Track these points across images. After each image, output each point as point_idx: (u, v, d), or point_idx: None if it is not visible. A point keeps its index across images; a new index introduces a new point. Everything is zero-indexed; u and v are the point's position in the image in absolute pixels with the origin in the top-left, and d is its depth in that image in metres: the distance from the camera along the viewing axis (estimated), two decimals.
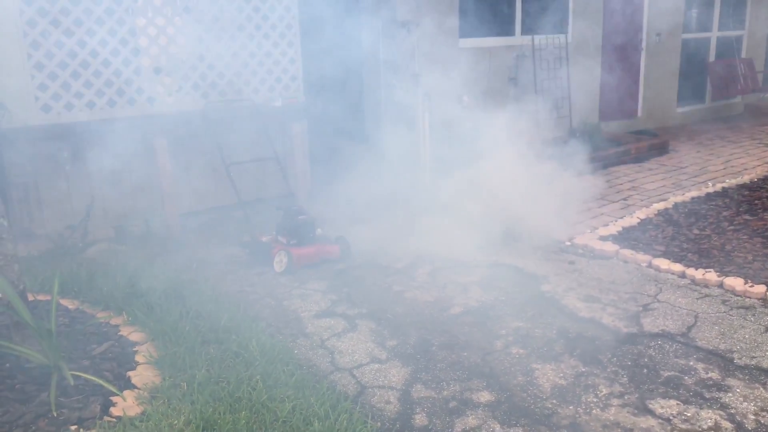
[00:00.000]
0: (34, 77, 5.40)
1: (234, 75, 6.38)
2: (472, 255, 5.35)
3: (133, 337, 3.84)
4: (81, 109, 5.64)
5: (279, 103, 6.47)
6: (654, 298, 4.49)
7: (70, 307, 4.22)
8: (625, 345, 3.87)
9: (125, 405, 3.11)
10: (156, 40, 5.92)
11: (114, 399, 3.15)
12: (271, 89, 6.64)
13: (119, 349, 3.67)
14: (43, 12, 5.34)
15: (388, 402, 3.35)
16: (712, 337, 3.92)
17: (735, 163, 8.27)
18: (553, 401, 3.33)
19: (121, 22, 5.68)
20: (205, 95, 6.23)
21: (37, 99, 5.44)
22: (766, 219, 5.81)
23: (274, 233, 5.41)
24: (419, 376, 3.59)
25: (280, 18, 6.57)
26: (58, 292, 3.70)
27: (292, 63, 6.73)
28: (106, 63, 5.67)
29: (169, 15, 5.94)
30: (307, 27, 6.81)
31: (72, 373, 3.19)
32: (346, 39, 7.08)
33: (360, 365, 3.72)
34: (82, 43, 5.54)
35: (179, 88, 6.12)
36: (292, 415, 3.07)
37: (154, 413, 3.02)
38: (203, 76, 6.22)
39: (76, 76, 5.57)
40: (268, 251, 5.21)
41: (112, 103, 5.78)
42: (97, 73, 5.66)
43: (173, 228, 5.95)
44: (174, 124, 5.87)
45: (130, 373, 3.42)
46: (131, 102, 5.88)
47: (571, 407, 3.28)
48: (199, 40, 6.11)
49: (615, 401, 3.32)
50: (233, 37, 6.31)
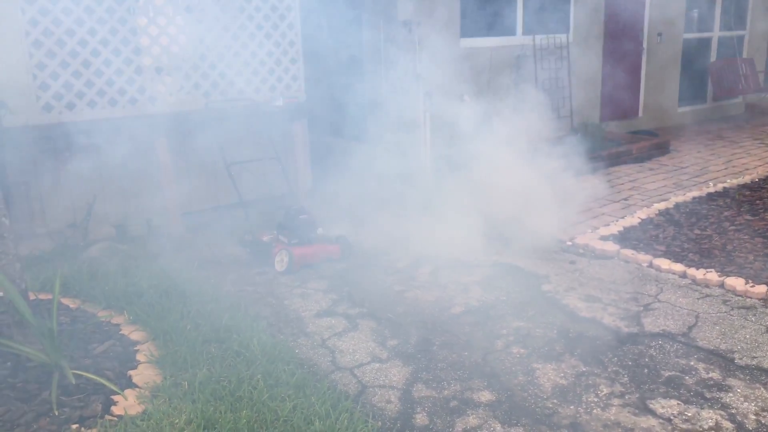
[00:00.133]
0: (35, 76, 5.40)
1: (236, 74, 6.39)
2: (473, 254, 5.36)
3: (134, 336, 3.85)
4: (82, 109, 5.65)
5: (280, 102, 6.47)
6: (655, 298, 4.49)
7: (71, 306, 4.22)
8: (625, 345, 3.87)
9: (126, 404, 3.12)
10: (157, 40, 5.92)
11: (115, 398, 3.15)
12: (273, 89, 6.65)
13: (120, 348, 3.68)
14: (44, 11, 5.34)
15: (389, 401, 3.36)
16: (713, 337, 3.92)
17: (736, 163, 8.27)
18: (554, 401, 3.33)
19: (122, 21, 5.68)
20: (206, 94, 6.24)
21: (38, 98, 5.45)
22: (767, 219, 5.81)
23: (275, 232, 5.41)
24: (420, 376, 3.59)
25: (282, 17, 6.57)
26: (60, 291, 3.71)
27: (293, 63, 6.74)
28: (107, 62, 5.68)
29: (170, 14, 5.94)
30: (308, 27, 6.82)
31: (73, 372, 3.19)
32: (347, 39, 7.09)
33: (361, 364, 3.72)
34: (83, 43, 5.54)
35: (181, 88, 6.13)
36: (293, 414, 3.07)
37: (155, 412, 3.02)
38: (205, 76, 6.22)
39: (77, 75, 5.58)
40: (269, 250, 5.21)
41: (113, 102, 5.79)
42: (98, 73, 5.67)
43: (174, 227, 5.95)
44: (175, 123, 5.87)
45: (131, 372, 3.42)
46: (133, 101, 5.89)
47: (571, 407, 3.28)
48: (200, 39, 6.12)
49: (616, 401, 3.32)
50: (235, 37, 6.32)
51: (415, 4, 7.64)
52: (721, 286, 4.60)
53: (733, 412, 3.20)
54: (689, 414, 3.19)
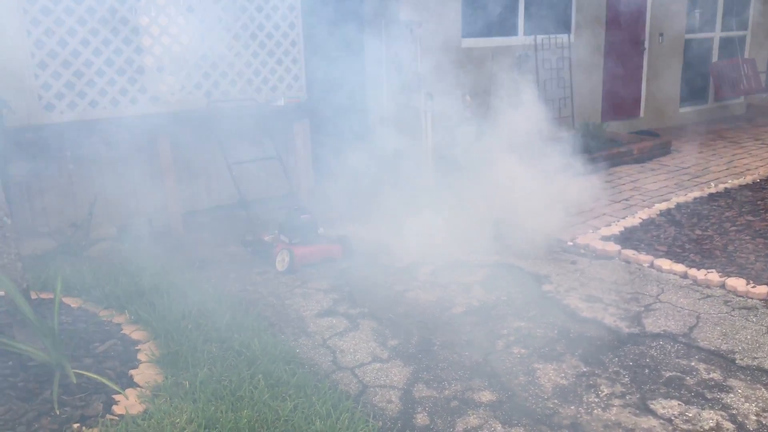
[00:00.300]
0: (37, 76, 5.41)
1: (237, 74, 6.39)
2: (474, 255, 5.36)
3: (136, 335, 3.85)
4: (84, 108, 5.66)
5: (282, 102, 6.47)
6: (656, 298, 4.49)
7: (72, 305, 4.23)
8: (626, 345, 3.87)
9: (127, 403, 3.12)
10: (159, 39, 5.93)
11: (116, 397, 3.15)
12: (274, 88, 6.65)
13: (122, 347, 3.68)
14: (46, 11, 5.35)
15: (390, 401, 3.36)
16: (714, 337, 3.92)
17: (737, 163, 8.26)
18: (555, 401, 3.33)
19: (124, 20, 5.69)
20: (208, 94, 6.24)
21: (40, 98, 5.45)
22: None
23: (277, 232, 5.41)
24: (421, 376, 3.59)
25: (284, 17, 6.58)
26: (61, 291, 3.71)
27: (295, 62, 6.74)
28: (109, 62, 5.68)
29: (172, 14, 5.95)
30: (310, 26, 6.82)
31: (74, 372, 3.20)
32: (349, 38, 7.08)
33: (362, 364, 3.72)
34: (85, 42, 5.55)
35: (182, 87, 6.14)
36: (293, 414, 3.08)
37: (156, 411, 3.03)
38: (206, 75, 6.23)
39: (79, 75, 5.58)
40: (270, 250, 5.21)
41: (115, 102, 5.80)
42: (100, 72, 5.67)
43: (176, 227, 5.96)
44: (177, 123, 5.88)
45: (133, 371, 3.43)
46: (134, 101, 5.90)
47: (572, 407, 3.28)
48: (202, 39, 6.12)
49: (616, 401, 3.32)
50: (237, 36, 6.32)
51: (417, 4, 7.64)
52: (722, 286, 4.60)
53: (733, 412, 3.20)
54: (690, 414, 3.19)
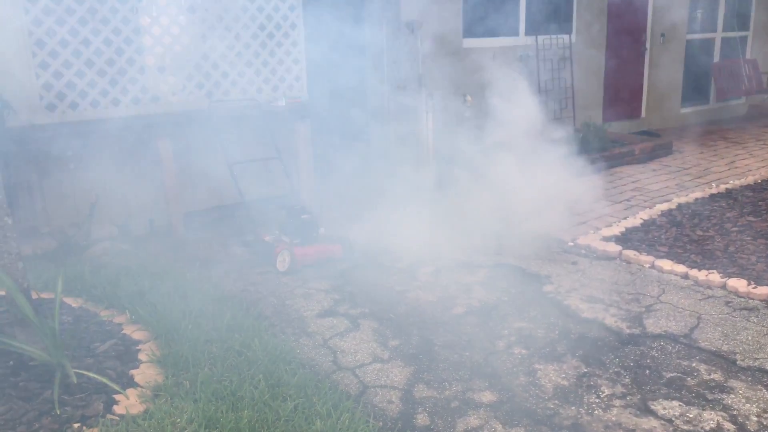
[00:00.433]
0: (39, 76, 5.42)
1: (238, 74, 6.39)
2: (474, 255, 5.36)
3: (136, 335, 3.85)
4: (85, 108, 5.66)
5: (283, 102, 6.47)
6: (657, 299, 4.49)
7: (73, 305, 4.23)
8: (627, 346, 3.87)
9: (128, 403, 3.12)
10: (160, 39, 5.93)
11: (117, 397, 3.15)
12: (275, 89, 6.65)
13: (122, 347, 3.68)
14: (48, 11, 5.35)
15: (390, 401, 3.36)
16: (715, 338, 3.92)
17: (739, 164, 8.26)
18: (555, 402, 3.33)
19: (125, 20, 5.69)
20: (209, 94, 6.25)
21: (42, 98, 5.46)
22: None
23: (277, 232, 5.41)
24: (421, 376, 3.59)
25: (284, 17, 6.58)
26: (62, 291, 3.71)
27: (296, 63, 6.74)
28: (110, 62, 5.69)
29: (173, 14, 5.95)
30: (311, 26, 6.82)
31: (75, 371, 3.20)
32: (350, 39, 7.08)
33: (362, 365, 3.72)
34: (86, 42, 5.55)
35: (183, 87, 6.14)
36: (294, 414, 3.08)
37: (156, 411, 3.03)
38: (207, 75, 6.23)
39: (80, 75, 5.59)
40: (271, 250, 5.21)
41: (116, 102, 5.80)
42: (101, 72, 5.68)
43: (177, 227, 5.96)
44: (178, 123, 5.88)
45: (133, 371, 3.43)
46: (135, 101, 5.90)
47: (573, 408, 3.28)
48: (203, 39, 6.12)
49: (617, 402, 3.32)
50: (237, 36, 6.32)
51: (418, 4, 7.64)
52: (724, 287, 4.59)
53: (734, 413, 3.19)
54: (691, 415, 3.19)
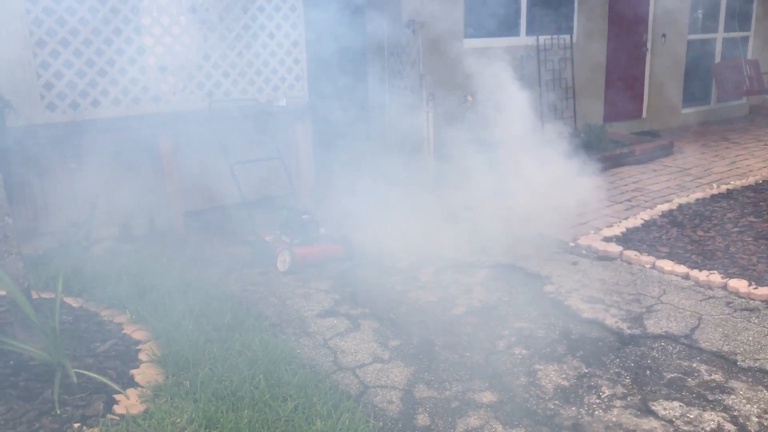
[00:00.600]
0: (39, 75, 5.42)
1: (238, 74, 6.40)
2: (475, 255, 5.35)
3: (137, 335, 3.85)
4: (86, 108, 5.66)
5: (283, 102, 6.47)
6: (657, 299, 4.49)
7: (74, 305, 4.23)
8: (628, 346, 3.86)
9: (128, 403, 3.12)
10: (161, 39, 5.93)
11: (117, 397, 3.15)
12: (276, 89, 6.65)
13: (123, 347, 3.68)
14: (48, 11, 5.35)
15: (391, 402, 3.36)
16: (716, 338, 3.91)
17: (740, 164, 8.25)
18: (556, 402, 3.33)
19: (126, 20, 5.69)
20: (209, 94, 6.25)
21: (42, 98, 5.46)
22: None
23: (278, 232, 5.41)
24: (422, 376, 3.59)
25: (285, 17, 6.58)
26: (63, 290, 3.71)
27: (296, 63, 6.74)
28: (111, 62, 5.69)
29: (174, 14, 5.95)
30: (312, 27, 6.82)
31: (75, 371, 3.20)
32: (351, 39, 7.08)
33: (363, 365, 3.72)
34: (87, 42, 5.55)
35: (184, 87, 6.14)
36: (294, 414, 3.08)
37: (156, 411, 3.03)
38: (208, 75, 6.23)
39: (81, 74, 5.59)
40: (271, 250, 5.21)
41: (117, 101, 5.80)
42: (102, 72, 5.68)
43: (177, 227, 5.96)
44: (178, 123, 5.88)
45: (134, 371, 3.43)
46: (136, 101, 5.90)
47: (573, 408, 3.27)
48: (204, 39, 6.13)
49: (617, 402, 3.31)
50: (238, 36, 6.33)
51: (419, 4, 7.64)
52: (724, 287, 4.59)
53: (735, 414, 3.19)
54: (691, 416, 3.19)
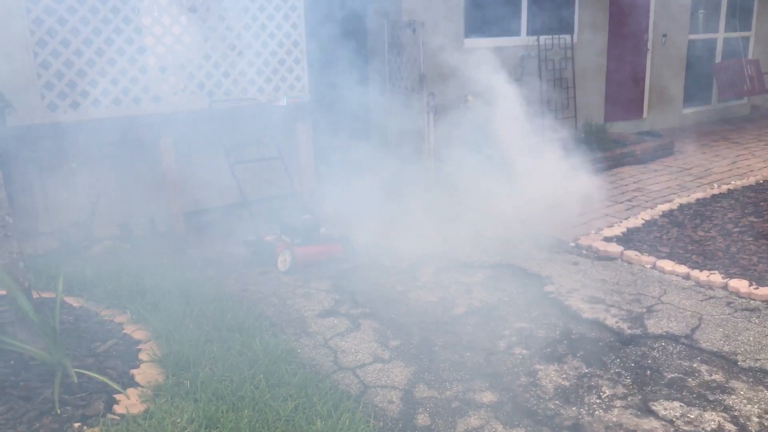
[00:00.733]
0: (40, 76, 5.42)
1: (239, 74, 6.39)
2: (476, 255, 5.35)
3: (137, 335, 3.85)
4: (87, 108, 5.66)
5: (284, 102, 6.47)
6: (658, 299, 4.48)
7: (74, 304, 4.23)
8: (628, 346, 3.86)
9: (128, 403, 3.12)
10: (162, 39, 5.93)
11: (117, 397, 3.15)
12: (277, 88, 6.65)
13: (123, 347, 3.68)
14: (49, 10, 5.35)
15: (391, 402, 3.36)
16: (716, 339, 3.91)
17: (741, 164, 8.24)
18: (556, 402, 3.33)
19: (127, 20, 5.69)
20: (210, 94, 6.24)
21: (43, 97, 5.46)
22: None
23: (278, 232, 5.41)
24: (422, 376, 3.59)
25: (286, 17, 6.57)
26: (63, 290, 3.71)
27: (297, 62, 6.74)
28: (111, 62, 5.69)
29: (174, 13, 5.95)
30: (313, 26, 6.82)
31: (76, 371, 3.20)
32: (352, 39, 7.09)
33: (363, 365, 3.72)
34: (88, 42, 5.55)
35: (184, 87, 6.14)
36: (294, 414, 3.08)
37: (157, 411, 3.03)
38: (208, 75, 6.22)
39: (82, 74, 5.59)
40: (272, 250, 5.21)
41: (117, 101, 5.80)
42: (102, 72, 5.68)
43: (177, 227, 5.96)
44: (179, 122, 5.88)
45: (134, 371, 3.43)
46: (137, 101, 5.90)
47: (573, 408, 3.27)
48: (204, 39, 6.12)
49: (618, 403, 3.31)
50: (239, 36, 6.32)
51: (420, 4, 7.64)
52: (725, 288, 4.59)
53: (735, 414, 3.19)
54: (692, 416, 3.18)
